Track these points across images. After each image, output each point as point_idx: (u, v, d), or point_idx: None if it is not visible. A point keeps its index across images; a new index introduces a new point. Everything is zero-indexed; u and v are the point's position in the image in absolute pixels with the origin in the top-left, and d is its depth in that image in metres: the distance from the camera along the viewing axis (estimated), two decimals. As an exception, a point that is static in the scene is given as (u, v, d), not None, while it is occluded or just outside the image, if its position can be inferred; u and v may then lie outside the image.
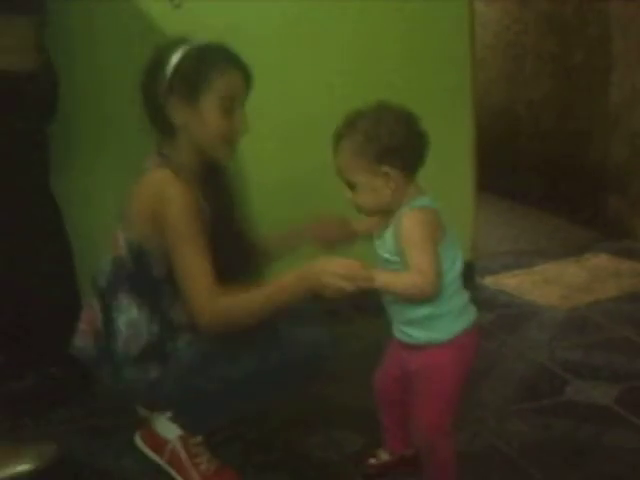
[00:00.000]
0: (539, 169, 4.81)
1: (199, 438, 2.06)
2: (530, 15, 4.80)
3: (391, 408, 1.97)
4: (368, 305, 1.95)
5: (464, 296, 1.82)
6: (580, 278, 3.55)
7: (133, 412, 2.20)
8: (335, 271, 1.71)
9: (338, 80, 3.16)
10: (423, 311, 1.76)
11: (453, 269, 1.76)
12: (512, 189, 4.94)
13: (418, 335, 1.80)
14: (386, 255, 1.77)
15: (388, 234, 1.76)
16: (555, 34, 4.59)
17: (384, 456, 2.05)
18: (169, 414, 2.05)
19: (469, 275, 3.43)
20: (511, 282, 3.59)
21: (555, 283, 3.53)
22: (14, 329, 2.58)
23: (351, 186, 1.76)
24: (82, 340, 2.03)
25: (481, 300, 3.25)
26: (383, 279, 1.71)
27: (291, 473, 2.11)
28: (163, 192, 1.86)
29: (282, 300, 1.82)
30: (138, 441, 2.15)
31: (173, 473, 2.05)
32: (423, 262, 1.67)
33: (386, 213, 1.77)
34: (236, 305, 1.85)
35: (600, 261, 3.82)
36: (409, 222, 1.70)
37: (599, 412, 2.36)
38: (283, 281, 1.82)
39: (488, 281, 3.62)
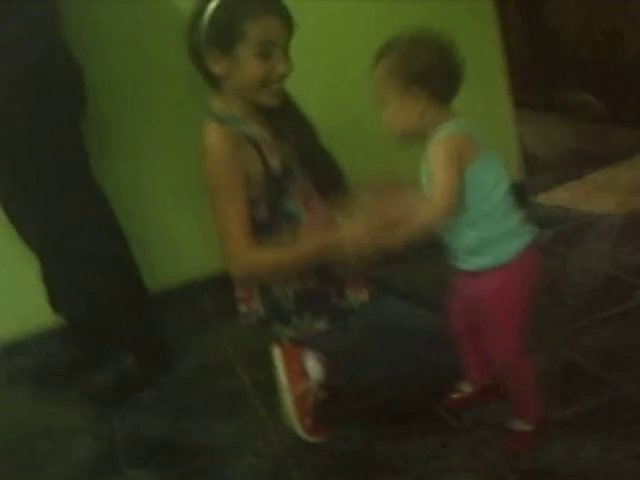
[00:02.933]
0: (574, 76, 4.72)
1: (325, 394, 2.10)
2: None
3: (467, 339, 1.97)
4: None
5: (517, 216, 1.79)
6: (634, 181, 3.49)
7: (214, 390, 2.24)
8: (357, 238, 1.78)
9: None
10: (477, 237, 1.76)
11: (498, 190, 1.75)
12: (549, 101, 4.85)
13: (479, 261, 1.79)
14: (425, 180, 1.78)
15: (423, 160, 1.77)
16: None
17: (466, 388, 2.07)
18: (320, 355, 2.08)
19: (521, 195, 3.41)
20: (565, 195, 3.55)
21: (609, 189, 3.47)
22: (88, 323, 2.64)
23: (384, 104, 1.78)
24: (245, 307, 2.14)
25: (537, 218, 3.23)
26: (403, 232, 1.72)
27: (375, 414, 2.13)
28: (204, 142, 1.96)
29: (309, 261, 1.96)
30: (277, 355, 2.09)
31: (289, 403, 2.04)
32: (438, 187, 1.69)
33: (422, 140, 1.78)
34: (266, 260, 1.97)
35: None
36: (435, 148, 1.72)
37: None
38: (311, 246, 1.94)
39: (541, 198, 3.57)
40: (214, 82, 2.01)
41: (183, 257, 3.10)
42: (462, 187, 1.70)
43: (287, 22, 1.98)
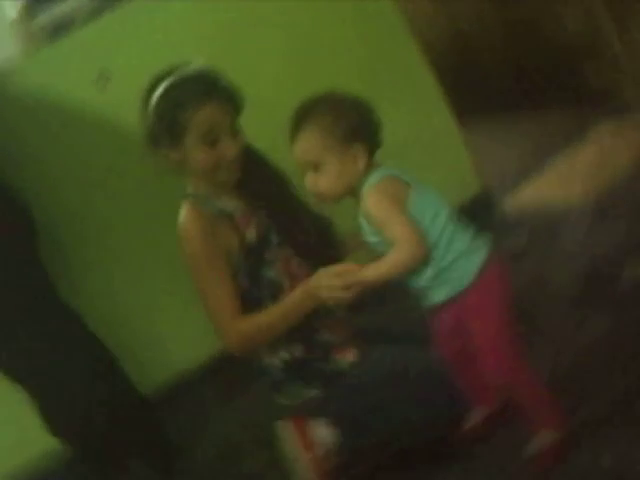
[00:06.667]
0: (501, 73, 4.60)
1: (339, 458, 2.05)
2: None
3: (463, 368, 1.90)
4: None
5: (466, 235, 1.79)
6: (592, 162, 3.41)
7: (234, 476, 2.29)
8: (329, 284, 1.81)
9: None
10: (432, 270, 1.75)
11: (438, 219, 1.75)
12: (483, 103, 4.72)
13: (442, 292, 1.78)
14: (372, 239, 1.79)
15: (361, 218, 1.78)
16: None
17: (477, 416, 2.00)
18: (327, 420, 2.05)
19: (487, 207, 3.37)
20: (529, 192, 3.46)
21: (570, 176, 3.39)
22: (88, 441, 2.59)
23: (315, 169, 1.76)
24: None
25: (509, 225, 3.23)
26: (373, 273, 1.73)
27: (396, 468, 2.06)
28: (179, 227, 2.01)
29: (295, 316, 1.97)
30: (284, 430, 2.04)
31: (304, 473, 2.01)
32: (398, 231, 1.69)
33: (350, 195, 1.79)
34: (256, 325, 1.99)
35: (603, 137, 3.59)
36: (370, 201, 1.73)
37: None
38: (291, 300, 1.96)
39: (507, 203, 3.47)
40: (177, 166, 2.02)
41: (171, 352, 3.06)
42: None
43: (231, 104, 1.98)
